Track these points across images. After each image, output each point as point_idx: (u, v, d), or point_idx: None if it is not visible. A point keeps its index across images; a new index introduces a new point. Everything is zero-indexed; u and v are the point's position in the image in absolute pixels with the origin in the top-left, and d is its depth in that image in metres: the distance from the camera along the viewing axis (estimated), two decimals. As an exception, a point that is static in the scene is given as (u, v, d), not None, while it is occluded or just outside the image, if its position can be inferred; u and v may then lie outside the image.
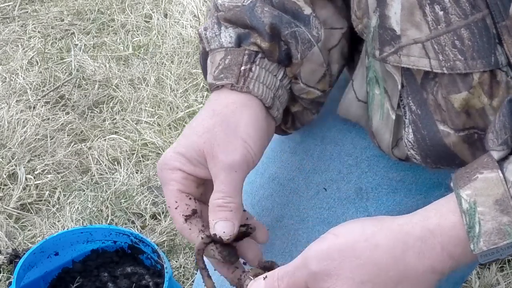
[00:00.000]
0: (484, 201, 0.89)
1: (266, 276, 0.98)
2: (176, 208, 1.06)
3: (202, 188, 1.09)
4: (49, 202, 2.22)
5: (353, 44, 1.19)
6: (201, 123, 1.08)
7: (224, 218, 1.03)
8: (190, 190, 1.07)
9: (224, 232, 1.03)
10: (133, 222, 2.16)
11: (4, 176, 2.29)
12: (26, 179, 2.27)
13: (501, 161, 0.91)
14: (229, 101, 1.09)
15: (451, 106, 1.02)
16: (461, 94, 1.00)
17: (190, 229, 1.05)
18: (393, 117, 1.08)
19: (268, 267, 1.04)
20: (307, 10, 1.12)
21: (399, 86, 1.05)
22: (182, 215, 1.06)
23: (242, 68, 1.10)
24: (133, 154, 2.39)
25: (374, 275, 0.90)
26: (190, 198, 1.07)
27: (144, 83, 2.69)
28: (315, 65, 1.13)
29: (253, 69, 1.10)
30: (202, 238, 1.05)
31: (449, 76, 1.00)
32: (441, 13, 0.97)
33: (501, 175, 0.89)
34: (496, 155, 0.92)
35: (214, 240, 1.04)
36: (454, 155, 1.07)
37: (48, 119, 2.52)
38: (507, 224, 0.87)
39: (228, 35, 1.12)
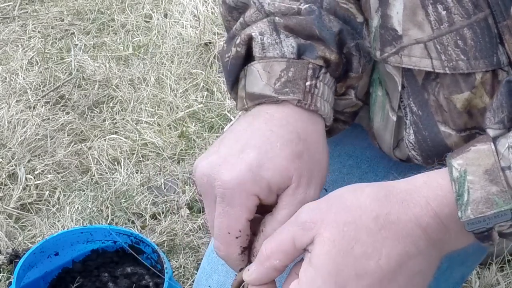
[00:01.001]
0: (474, 171, 0.89)
1: None
2: (237, 238, 0.97)
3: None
4: (49, 202, 2.22)
5: None
6: (290, 147, 0.98)
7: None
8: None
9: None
10: (133, 222, 2.16)
11: (4, 176, 2.29)
12: (26, 179, 2.27)
13: (495, 138, 0.92)
14: (309, 126, 1.01)
15: (453, 107, 1.02)
16: (464, 94, 1.00)
17: (242, 261, 0.99)
18: (394, 118, 1.08)
19: None
20: (360, 18, 1.06)
21: (399, 88, 1.05)
22: (241, 246, 0.98)
23: (308, 83, 1.01)
24: (133, 154, 2.39)
25: (357, 216, 0.89)
26: (247, 235, 0.99)
27: (144, 83, 2.69)
28: (367, 78, 1.10)
29: (317, 85, 1.02)
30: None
31: (452, 76, 1.00)
32: (444, 12, 0.97)
33: (493, 147, 0.89)
34: (491, 132, 0.93)
35: (239, 282, 0.98)
36: None
37: (48, 119, 2.52)
38: (495, 194, 0.88)
39: (290, 45, 1.03)
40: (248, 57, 1.05)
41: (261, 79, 1.02)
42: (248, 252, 0.99)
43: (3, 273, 2.00)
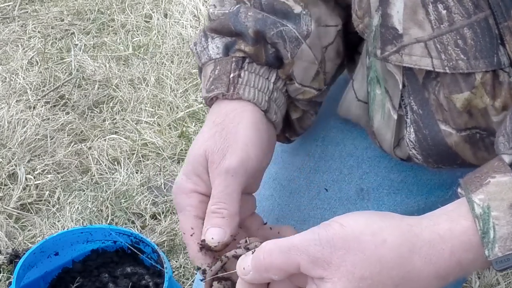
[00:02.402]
0: (498, 206, 0.86)
1: (254, 251, 0.92)
2: (191, 235, 1.02)
3: None
4: (49, 202, 2.22)
5: (353, 44, 1.19)
6: (202, 136, 1.07)
7: (216, 224, 1.00)
8: None
9: (212, 238, 0.99)
10: (133, 222, 2.16)
11: (4, 176, 2.29)
12: (26, 179, 2.27)
13: None
14: (228, 110, 1.08)
15: (453, 106, 1.01)
16: (463, 94, 1.00)
17: (203, 258, 1.01)
18: (395, 117, 1.08)
19: None
20: (297, 9, 1.12)
21: (400, 86, 1.05)
22: (198, 243, 1.01)
23: (231, 75, 1.10)
24: (133, 154, 2.39)
25: (376, 272, 0.86)
26: None
27: (144, 83, 2.69)
28: (306, 62, 1.13)
29: (242, 75, 1.10)
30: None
31: (451, 76, 1.00)
32: (444, 12, 0.97)
33: None
34: (507, 159, 0.90)
35: (203, 246, 1.00)
36: (455, 155, 1.06)
37: (48, 119, 2.52)
38: None
39: (215, 46, 1.12)
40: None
41: (202, 85, 1.13)
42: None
43: (3, 273, 1.99)
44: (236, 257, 0.96)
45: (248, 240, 0.97)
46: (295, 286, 0.91)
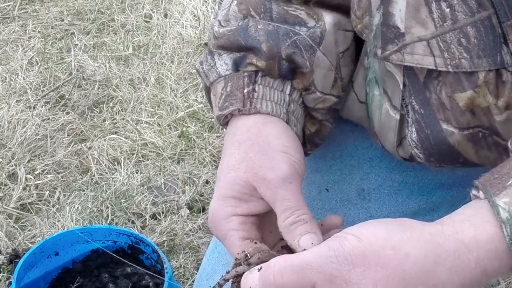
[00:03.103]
0: None
1: (261, 268, 0.86)
2: (236, 260, 0.93)
3: (263, 227, 1.00)
4: (49, 202, 2.22)
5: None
6: (233, 158, 1.01)
7: (305, 231, 0.92)
8: (252, 235, 0.97)
9: (312, 243, 0.91)
10: (133, 222, 2.16)
11: (4, 176, 2.29)
12: (26, 179, 2.27)
13: None
14: (248, 126, 1.04)
15: (456, 105, 1.01)
16: (466, 93, 0.99)
17: None
18: (397, 117, 1.08)
19: None
20: (311, 23, 1.09)
21: (401, 86, 1.05)
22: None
23: (245, 90, 1.05)
24: (133, 154, 2.39)
25: None
26: (255, 243, 0.95)
27: (144, 83, 2.69)
28: (324, 70, 1.10)
29: (256, 89, 1.06)
30: None
31: (454, 75, 0.99)
32: (447, 10, 0.96)
33: None
34: None
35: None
36: (457, 154, 1.06)
37: (48, 119, 2.52)
38: None
39: (223, 63, 1.09)
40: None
41: (213, 104, 1.08)
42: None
43: (3, 273, 1.99)
44: (239, 276, 0.90)
45: (248, 254, 0.91)
46: None
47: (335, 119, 1.16)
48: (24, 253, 1.73)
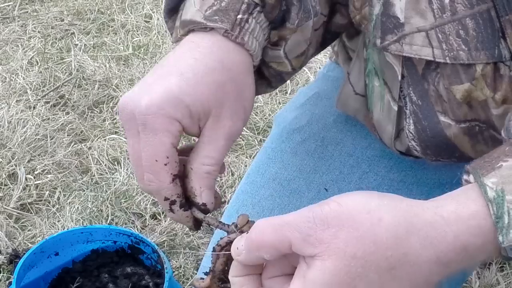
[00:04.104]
0: None
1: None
2: (165, 165, 0.93)
3: None
4: (49, 202, 2.22)
5: (348, 38, 1.18)
6: (211, 74, 0.96)
7: (209, 186, 0.95)
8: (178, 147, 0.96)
9: (212, 202, 0.95)
10: (133, 222, 2.16)
11: (4, 176, 2.29)
12: (26, 179, 2.27)
13: None
14: (236, 57, 0.99)
15: (453, 97, 1.01)
16: (464, 85, 1.00)
17: (174, 189, 0.95)
18: (395, 108, 1.07)
19: None
20: None
21: (399, 77, 1.05)
22: (171, 173, 0.94)
23: (239, 16, 1.00)
24: (133, 154, 2.39)
25: (369, 252, 0.79)
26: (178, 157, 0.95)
27: (144, 83, 2.68)
28: (302, 38, 1.07)
29: (249, 21, 1.01)
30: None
31: (452, 67, 0.99)
32: (447, 1, 0.96)
33: None
34: None
35: (199, 207, 0.96)
36: (454, 147, 1.06)
37: (48, 119, 2.52)
38: None
39: None
40: None
41: (194, 6, 1.01)
42: (181, 183, 0.96)
43: (3, 273, 1.99)
44: (231, 242, 0.90)
45: (238, 225, 0.91)
46: (291, 266, 0.85)
47: (276, 86, 1.13)
48: (24, 253, 1.73)
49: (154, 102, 0.92)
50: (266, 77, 1.10)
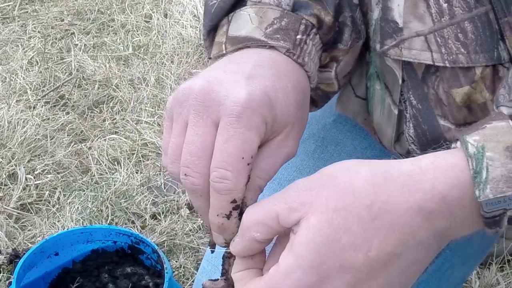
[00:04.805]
0: (493, 147, 0.81)
1: None
2: (248, 164, 0.86)
3: None
4: (49, 202, 2.22)
5: None
6: (295, 93, 0.92)
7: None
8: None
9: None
10: (133, 222, 2.16)
11: (4, 176, 2.29)
12: (26, 179, 2.27)
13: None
14: (302, 79, 0.96)
15: (453, 101, 1.01)
16: (463, 89, 1.00)
17: (244, 193, 0.88)
18: (396, 112, 1.08)
19: None
20: None
21: (400, 81, 1.05)
22: (249, 175, 0.88)
23: (298, 36, 0.97)
24: (133, 154, 2.39)
25: (348, 202, 0.79)
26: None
27: (144, 83, 2.69)
28: (352, 58, 1.08)
29: (307, 42, 0.98)
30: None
31: (451, 70, 0.99)
32: (445, 5, 0.96)
33: (511, 123, 0.82)
34: (506, 111, 0.86)
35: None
36: None
37: (48, 119, 2.52)
38: None
39: None
40: (235, 5, 1.01)
41: (251, 23, 0.97)
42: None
43: (3, 273, 2.00)
44: None
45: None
46: None
47: (321, 106, 1.12)
48: (24, 253, 1.73)
49: (254, 98, 0.86)
50: (313, 98, 1.08)
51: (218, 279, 0.93)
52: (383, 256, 0.81)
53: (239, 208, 0.87)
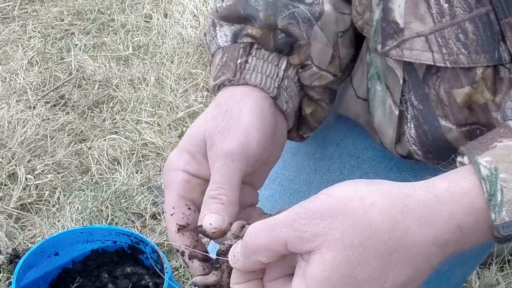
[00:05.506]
0: (506, 168, 0.80)
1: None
2: (171, 215, 0.97)
3: None
4: (49, 202, 2.22)
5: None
6: (204, 116, 1.02)
7: (214, 210, 0.93)
8: (193, 196, 0.98)
9: (210, 224, 0.93)
10: (133, 222, 2.16)
11: (4, 176, 2.29)
12: (26, 179, 2.27)
13: None
14: (233, 93, 1.04)
15: (454, 101, 1.01)
16: (464, 89, 1.00)
17: (181, 239, 0.96)
18: (397, 112, 1.08)
19: None
20: (309, 0, 1.08)
21: (401, 82, 1.05)
22: (176, 223, 0.96)
23: (238, 61, 1.05)
24: (133, 154, 2.39)
25: (366, 238, 0.78)
26: (189, 208, 0.97)
27: (144, 83, 2.69)
28: (321, 44, 1.08)
29: (249, 60, 1.05)
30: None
31: (452, 71, 0.99)
32: (446, 5, 0.96)
33: None
34: None
35: (201, 232, 0.95)
36: (455, 151, 1.06)
37: (48, 119, 2.52)
38: None
39: (223, 34, 1.08)
40: None
41: (211, 74, 1.09)
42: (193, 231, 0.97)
43: (3, 273, 2.00)
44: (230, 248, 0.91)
45: (235, 232, 0.91)
46: (290, 266, 0.84)
47: (331, 100, 1.14)
48: (24, 253, 1.73)
49: (166, 163, 1.02)
50: (317, 99, 1.11)
51: (210, 274, 0.94)
52: (397, 285, 0.81)
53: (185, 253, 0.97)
